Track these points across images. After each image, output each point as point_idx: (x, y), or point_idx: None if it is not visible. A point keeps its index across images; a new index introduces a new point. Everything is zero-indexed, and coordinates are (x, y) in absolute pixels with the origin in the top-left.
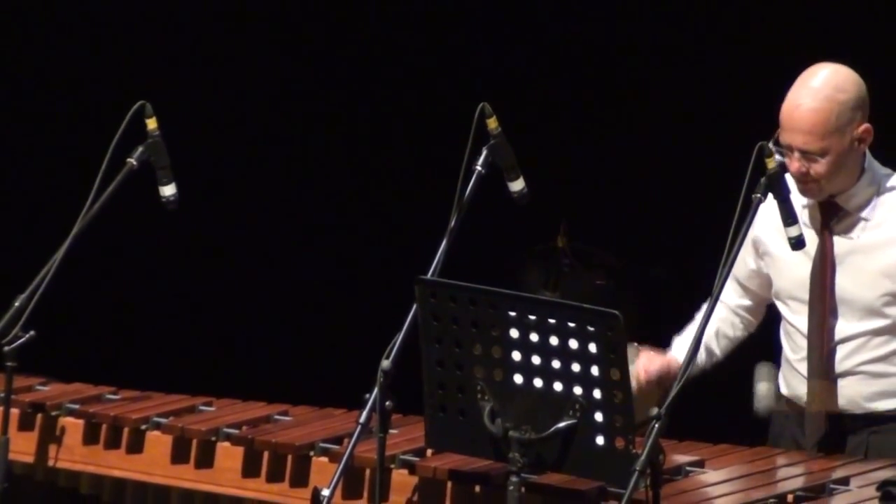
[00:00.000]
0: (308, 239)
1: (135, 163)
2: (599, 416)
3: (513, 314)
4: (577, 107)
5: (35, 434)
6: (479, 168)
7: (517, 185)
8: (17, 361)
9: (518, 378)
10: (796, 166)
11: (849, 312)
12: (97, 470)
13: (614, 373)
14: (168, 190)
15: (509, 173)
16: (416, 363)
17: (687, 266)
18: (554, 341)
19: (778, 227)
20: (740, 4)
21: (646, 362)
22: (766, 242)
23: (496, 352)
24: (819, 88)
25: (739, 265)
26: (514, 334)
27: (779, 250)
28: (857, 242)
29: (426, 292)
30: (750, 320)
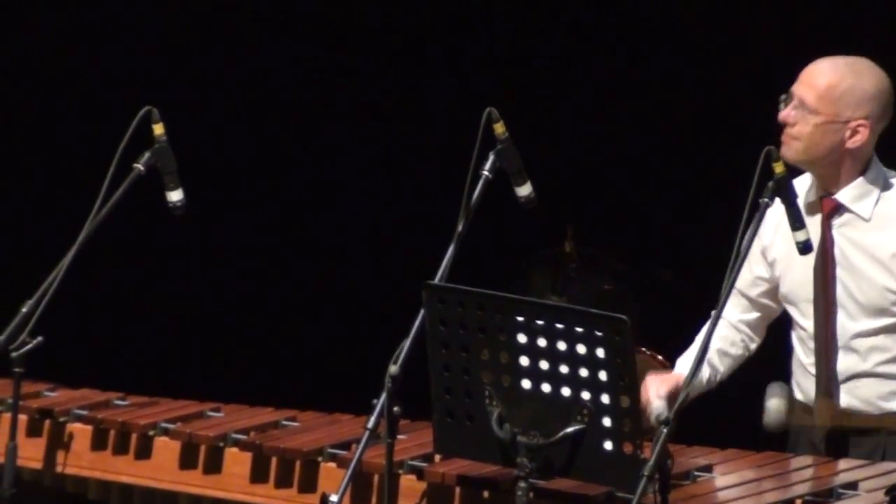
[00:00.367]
0: (316, 244)
1: (142, 168)
2: (608, 421)
3: (520, 319)
4: (585, 111)
5: (43, 440)
6: (486, 173)
7: (524, 190)
8: (25, 367)
9: (526, 383)
10: (785, 111)
11: (856, 311)
12: (105, 476)
13: (622, 377)
14: (175, 195)
15: (516, 178)
16: (424, 368)
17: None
18: (562, 346)
19: (784, 229)
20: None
21: (657, 385)
22: (774, 245)
23: (504, 357)
24: (847, 61)
25: (743, 276)
26: (522, 339)
27: (786, 252)
28: (859, 240)
29: (433, 297)
30: (751, 336)
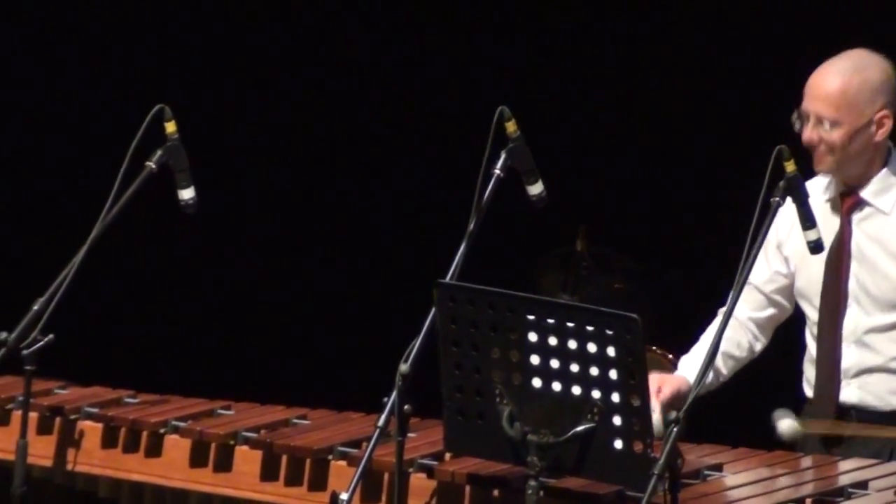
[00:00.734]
0: (327, 243)
1: (154, 166)
2: (618, 420)
3: (531, 318)
4: (597, 110)
5: (54, 438)
6: (498, 172)
7: (536, 189)
8: (36, 365)
9: (536, 382)
10: (808, 134)
11: (870, 305)
12: (115, 474)
13: (632, 376)
14: (187, 193)
15: (528, 177)
16: (435, 367)
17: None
18: (572, 345)
19: (799, 226)
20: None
21: (659, 384)
22: (789, 241)
23: (514, 355)
24: (845, 61)
25: (758, 271)
26: (533, 338)
27: (802, 248)
28: (877, 235)
29: (445, 296)
30: (757, 336)
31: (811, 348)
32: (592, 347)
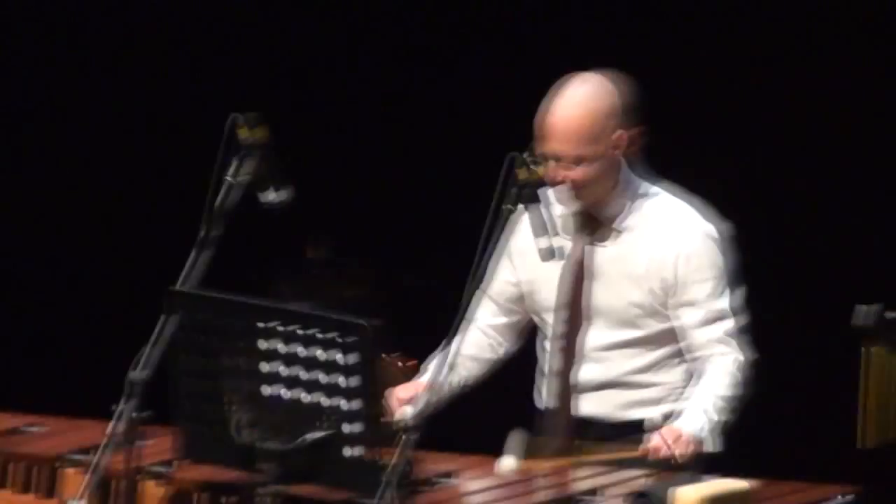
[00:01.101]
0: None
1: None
2: (347, 427)
3: (260, 325)
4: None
5: None
6: (230, 178)
7: (269, 196)
8: None
9: (266, 389)
10: (552, 175)
11: (603, 322)
12: None
13: (361, 383)
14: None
15: (263, 183)
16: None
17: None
18: (302, 351)
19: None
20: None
21: (399, 391)
22: (524, 254)
23: (244, 362)
24: (571, 96)
25: (491, 279)
26: (263, 345)
27: (534, 260)
28: (610, 252)
29: (174, 302)
30: (500, 342)
31: (543, 361)
32: (322, 354)
